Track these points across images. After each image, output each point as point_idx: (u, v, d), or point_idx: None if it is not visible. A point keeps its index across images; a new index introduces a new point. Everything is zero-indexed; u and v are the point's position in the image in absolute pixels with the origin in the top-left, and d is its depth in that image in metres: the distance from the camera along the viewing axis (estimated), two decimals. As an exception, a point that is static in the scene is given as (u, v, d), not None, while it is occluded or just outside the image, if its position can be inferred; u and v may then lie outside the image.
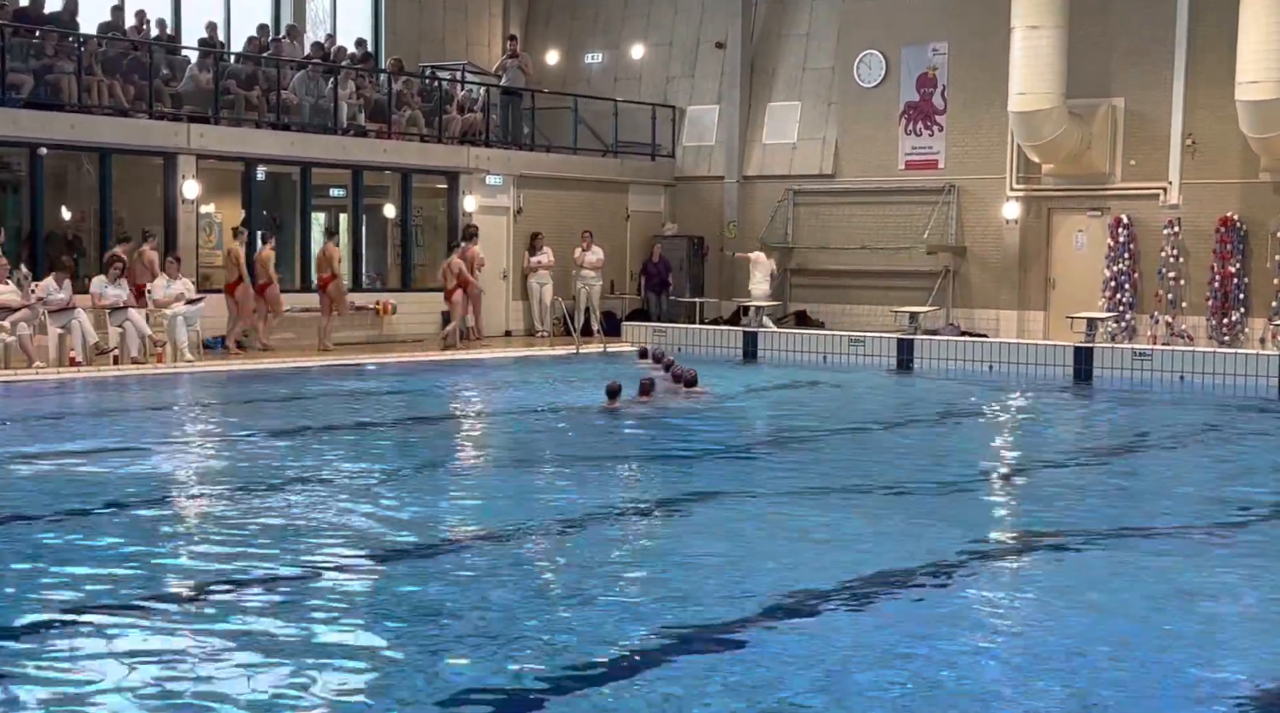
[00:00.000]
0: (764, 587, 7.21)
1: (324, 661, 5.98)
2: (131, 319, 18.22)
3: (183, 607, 6.81)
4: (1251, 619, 7.00)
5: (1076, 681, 5.86)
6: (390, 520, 8.94)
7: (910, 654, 6.13)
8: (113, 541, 8.27)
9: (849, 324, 24.33)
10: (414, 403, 16.05)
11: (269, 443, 12.36)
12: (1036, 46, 21.97)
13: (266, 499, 9.55)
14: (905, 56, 25.26)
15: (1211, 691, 5.79)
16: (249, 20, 24.14)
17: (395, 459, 11.75)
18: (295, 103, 22.43)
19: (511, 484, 10.51)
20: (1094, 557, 8.18)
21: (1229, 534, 8.97)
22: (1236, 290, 22.16)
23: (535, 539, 8.45)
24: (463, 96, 25.55)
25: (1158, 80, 22.83)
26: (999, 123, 23.69)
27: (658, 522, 9.15)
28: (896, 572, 7.58)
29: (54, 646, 6.17)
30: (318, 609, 6.78)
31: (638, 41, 28.47)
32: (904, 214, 25.00)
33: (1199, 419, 15.30)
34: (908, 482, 10.60)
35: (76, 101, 19.57)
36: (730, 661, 6.04)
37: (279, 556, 7.84)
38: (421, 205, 24.78)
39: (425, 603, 6.91)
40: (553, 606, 6.91)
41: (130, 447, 11.86)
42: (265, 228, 21.77)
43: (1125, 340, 22.21)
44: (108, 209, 20.27)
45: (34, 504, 9.32)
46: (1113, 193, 23.43)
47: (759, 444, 12.95)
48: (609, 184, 26.85)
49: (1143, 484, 11.12)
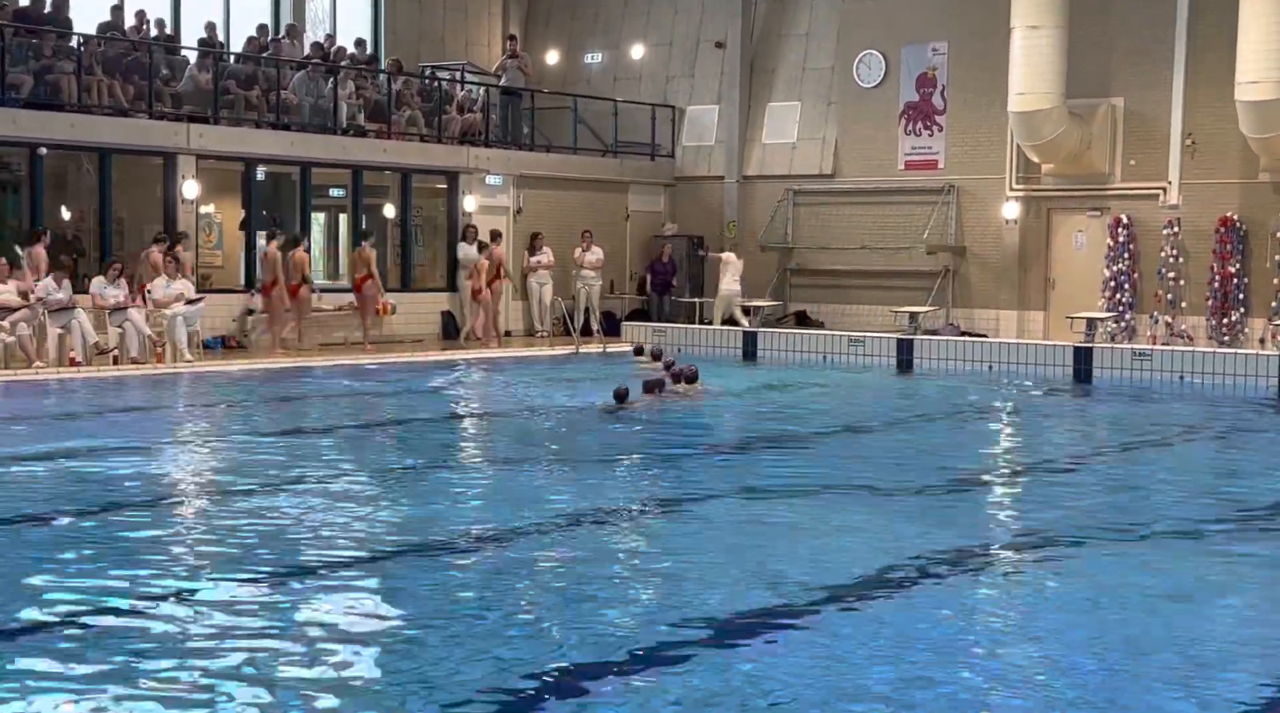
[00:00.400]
0: (761, 587, 7.22)
1: (326, 659, 5.99)
2: (131, 319, 18.23)
3: (178, 607, 6.81)
4: (1250, 622, 6.99)
5: (1072, 683, 5.86)
6: (387, 521, 8.95)
7: (903, 658, 6.13)
8: (110, 540, 8.28)
9: (849, 324, 24.33)
10: (414, 403, 16.06)
11: (268, 442, 12.36)
12: (1036, 46, 21.97)
13: (266, 499, 9.55)
14: (905, 56, 25.27)
15: (1210, 693, 5.79)
16: (248, 20, 24.13)
17: (395, 459, 11.74)
18: (295, 103, 22.44)
19: (507, 484, 10.51)
20: (1090, 558, 8.17)
21: (1228, 536, 8.97)
22: (1236, 290, 22.16)
23: (534, 539, 8.44)
24: (462, 96, 25.56)
25: (1157, 80, 22.83)
26: (999, 123, 23.69)
27: (656, 521, 9.14)
28: (891, 572, 7.58)
29: (47, 646, 6.16)
30: (316, 610, 6.79)
31: (637, 41, 28.47)
32: (904, 214, 25.00)
33: (1199, 419, 15.31)
34: (905, 482, 10.60)
35: (76, 101, 19.57)
36: (730, 661, 6.05)
37: (278, 555, 7.85)
38: (421, 205, 24.78)
39: (424, 603, 6.92)
40: (551, 606, 6.92)
41: (128, 446, 11.86)
42: (265, 228, 21.79)
43: (1125, 341, 22.21)
44: (107, 209, 20.27)
45: (29, 503, 9.33)
46: (1112, 193, 23.43)
47: (757, 443, 12.94)
48: (609, 184, 26.85)
49: (1141, 485, 11.11)
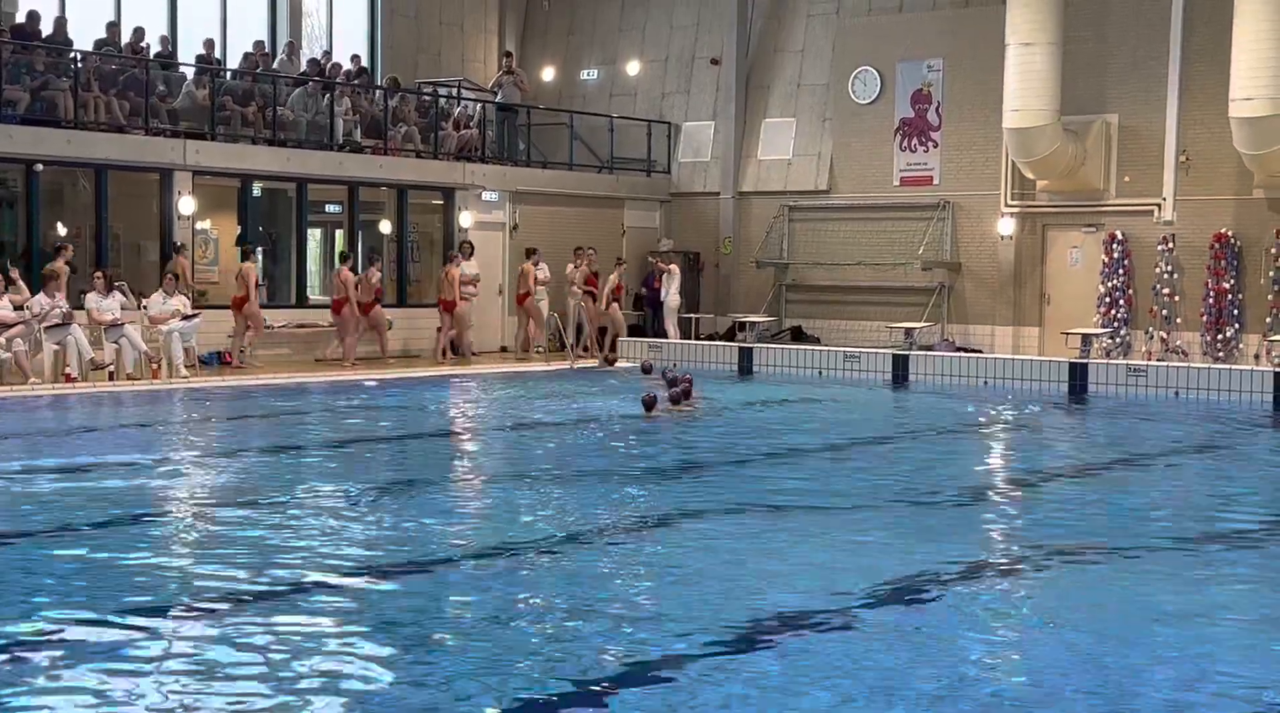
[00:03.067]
0: (757, 603, 7.22)
1: (318, 676, 5.99)
2: (127, 335, 18.23)
3: (171, 623, 6.80)
4: (1243, 640, 6.99)
5: (1063, 700, 5.87)
6: (382, 536, 8.96)
7: (904, 672, 6.13)
8: (103, 556, 8.28)
9: (844, 340, 24.36)
10: (414, 418, 16.06)
11: (264, 459, 12.36)
12: (1031, 63, 22.04)
13: (264, 515, 9.55)
14: (900, 73, 25.34)
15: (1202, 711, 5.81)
16: (246, 37, 24.18)
17: (390, 475, 11.74)
18: (291, 119, 22.47)
19: (504, 499, 10.50)
20: (1083, 574, 8.19)
21: (1220, 552, 8.98)
22: (1230, 306, 22.20)
23: (530, 554, 8.44)
24: (459, 113, 25.61)
25: (1152, 97, 22.90)
26: (993, 139, 23.76)
27: (654, 536, 9.14)
28: (886, 588, 7.59)
29: (36, 660, 6.16)
30: (307, 625, 6.79)
31: (633, 58, 28.54)
32: (899, 230, 25.04)
33: (1193, 435, 15.33)
34: (899, 497, 10.63)
35: (73, 118, 19.60)
36: (725, 677, 6.05)
37: (274, 570, 7.85)
38: (417, 221, 24.81)
39: (417, 619, 6.92)
40: (547, 622, 6.92)
41: (124, 462, 11.86)
42: (262, 244, 21.84)
43: (1120, 356, 22.24)
44: (104, 225, 20.28)
45: (24, 519, 9.32)
46: (1107, 209, 23.49)
47: (755, 458, 12.95)
48: (605, 200, 26.90)
49: (1134, 501, 11.12)
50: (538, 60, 29.29)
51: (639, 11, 28.85)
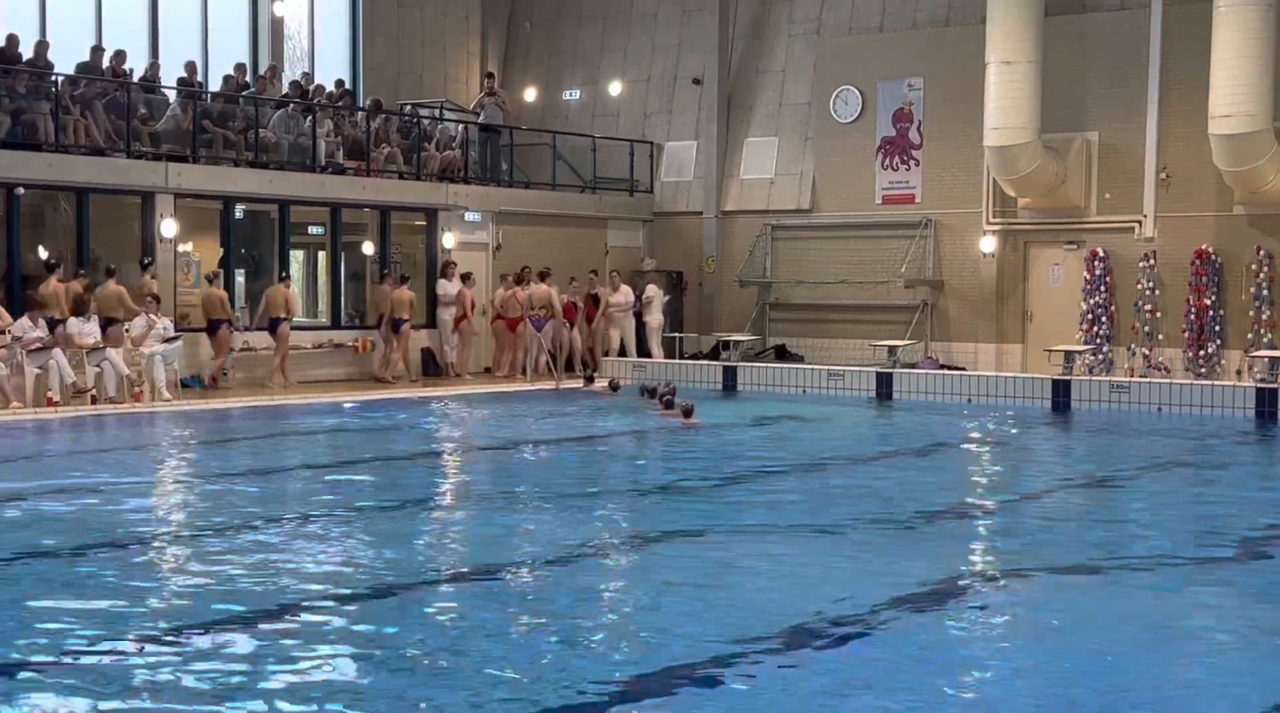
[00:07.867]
0: (746, 623, 7.21)
1: (306, 699, 5.96)
2: (109, 358, 18.17)
3: (157, 648, 6.77)
4: (1227, 656, 7.00)
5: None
6: (368, 559, 8.93)
7: (890, 690, 6.12)
8: (88, 582, 8.23)
9: (828, 358, 24.38)
10: (393, 440, 16.03)
11: (248, 482, 12.31)
12: (1011, 81, 22.14)
13: (247, 538, 9.51)
14: (881, 92, 25.43)
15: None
16: (227, 59, 24.15)
17: (376, 496, 11.71)
18: (274, 141, 22.46)
19: (492, 520, 10.48)
20: (1066, 591, 8.20)
21: (1204, 568, 8.99)
22: (1212, 323, 22.28)
23: (519, 576, 8.42)
24: (441, 134, 25.61)
25: (1132, 114, 23.00)
26: (975, 157, 23.84)
27: (641, 557, 9.13)
28: (869, 607, 7.58)
29: (19, 689, 6.12)
30: (296, 648, 6.76)
31: (615, 78, 28.59)
32: (881, 248, 25.09)
33: (1175, 451, 15.36)
34: (884, 516, 10.63)
35: (53, 141, 19.56)
36: (712, 698, 6.04)
37: (263, 594, 7.82)
38: (400, 242, 24.79)
39: (403, 643, 6.90)
40: (534, 644, 6.90)
41: (105, 486, 11.81)
42: (245, 266, 21.78)
43: (1103, 373, 22.30)
44: (85, 248, 20.21)
45: (5, 544, 9.27)
46: (1088, 226, 23.57)
47: (741, 478, 12.94)
48: (588, 220, 26.91)
49: (1118, 517, 11.15)
50: (520, 81, 29.33)
51: (621, 32, 28.91)
